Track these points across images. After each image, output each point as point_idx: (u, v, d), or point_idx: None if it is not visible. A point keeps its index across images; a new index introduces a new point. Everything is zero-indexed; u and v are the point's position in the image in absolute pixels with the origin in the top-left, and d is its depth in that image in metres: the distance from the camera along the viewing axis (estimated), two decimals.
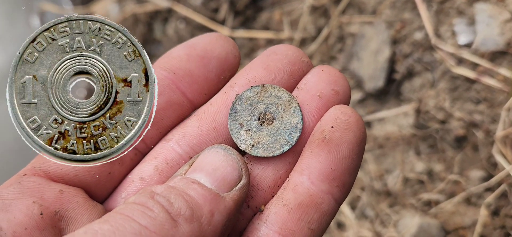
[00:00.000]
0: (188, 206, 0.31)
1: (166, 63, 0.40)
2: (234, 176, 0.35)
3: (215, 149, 0.37)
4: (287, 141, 0.39)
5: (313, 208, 0.37)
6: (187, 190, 0.33)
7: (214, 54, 0.40)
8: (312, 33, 1.25)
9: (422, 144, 1.07)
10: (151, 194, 0.31)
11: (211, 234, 0.32)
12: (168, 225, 0.30)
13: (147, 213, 0.30)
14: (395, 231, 1.01)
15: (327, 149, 0.37)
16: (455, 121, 1.03)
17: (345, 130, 0.37)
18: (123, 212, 0.30)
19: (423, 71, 1.10)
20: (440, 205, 1.01)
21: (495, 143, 0.98)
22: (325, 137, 0.37)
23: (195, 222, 0.31)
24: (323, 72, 0.41)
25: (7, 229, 0.33)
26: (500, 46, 1.02)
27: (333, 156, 0.37)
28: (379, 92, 1.13)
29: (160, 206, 0.30)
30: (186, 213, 0.31)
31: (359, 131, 0.38)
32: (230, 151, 0.37)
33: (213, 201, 0.33)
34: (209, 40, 0.41)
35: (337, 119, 0.38)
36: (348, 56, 1.19)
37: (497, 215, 0.97)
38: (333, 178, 0.37)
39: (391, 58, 1.13)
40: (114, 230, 0.28)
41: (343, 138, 0.37)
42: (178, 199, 0.31)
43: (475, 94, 1.03)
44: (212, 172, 0.35)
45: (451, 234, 0.99)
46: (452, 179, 1.02)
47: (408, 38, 1.12)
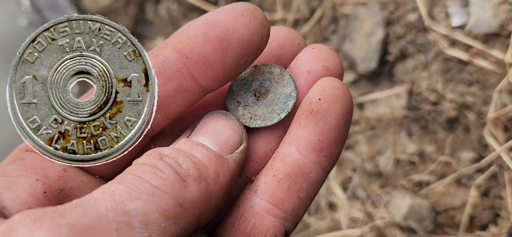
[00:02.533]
0: (195, 167, 0.32)
1: (180, 43, 0.36)
2: (236, 139, 0.36)
3: (216, 114, 0.37)
4: (282, 109, 0.40)
5: (302, 178, 0.37)
6: (193, 152, 0.33)
7: (236, 36, 0.36)
8: (305, 14, 1.24)
9: (414, 125, 1.07)
10: (160, 156, 0.32)
11: (216, 193, 0.33)
12: (178, 185, 0.31)
13: (158, 174, 0.30)
14: (386, 211, 1.02)
15: (315, 121, 0.37)
16: (447, 103, 1.04)
17: (332, 102, 0.38)
18: (135, 173, 0.30)
19: (416, 53, 1.09)
20: (431, 186, 1.01)
21: (487, 125, 0.99)
22: (312, 109, 0.37)
23: (202, 182, 0.32)
24: (313, 50, 0.41)
25: (11, 208, 0.33)
26: (493, 28, 1.02)
27: (320, 127, 0.37)
28: (371, 74, 1.13)
29: (170, 167, 0.31)
30: (194, 174, 0.32)
31: (346, 103, 0.38)
32: (231, 116, 0.38)
33: (218, 162, 0.34)
34: (232, 17, 0.36)
35: (324, 91, 0.38)
36: (341, 38, 1.18)
37: (487, 196, 0.98)
38: (320, 148, 0.37)
39: (384, 40, 1.12)
40: (129, 191, 0.29)
41: (330, 110, 0.37)
42: (186, 160, 0.32)
43: (468, 76, 1.03)
44: (215, 135, 0.36)
45: (441, 214, 1.00)
46: (443, 160, 1.02)
47: (402, 20, 1.12)
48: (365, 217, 1.03)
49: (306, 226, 1.08)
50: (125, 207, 0.28)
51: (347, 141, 1.13)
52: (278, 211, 0.37)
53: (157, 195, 0.29)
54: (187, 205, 0.31)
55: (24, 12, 1.69)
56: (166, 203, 0.29)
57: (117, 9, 1.58)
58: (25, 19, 1.67)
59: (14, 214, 0.27)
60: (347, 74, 1.16)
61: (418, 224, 0.98)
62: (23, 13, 1.69)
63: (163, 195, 0.30)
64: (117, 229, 0.27)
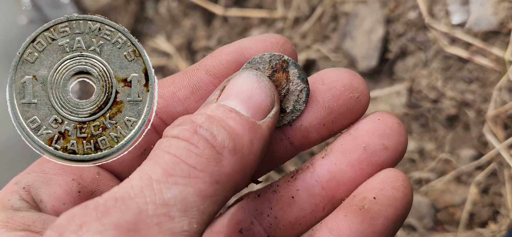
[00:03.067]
0: (230, 137, 0.32)
1: (213, 67, 0.38)
2: (268, 103, 0.35)
3: (247, 74, 0.36)
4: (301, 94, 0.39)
5: None
6: (226, 120, 0.33)
7: None
8: (305, 12, 1.25)
9: (414, 123, 1.08)
10: (193, 128, 0.31)
11: (251, 163, 0.33)
12: (214, 160, 0.30)
13: (194, 151, 0.30)
14: None
15: (361, 219, 0.35)
16: (447, 101, 1.04)
17: (386, 205, 0.35)
18: (170, 150, 0.30)
19: (416, 51, 1.10)
20: (430, 183, 1.02)
21: (486, 122, 0.99)
22: (363, 206, 0.35)
23: (238, 154, 0.31)
24: (379, 122, 0.38)
25: (47, 202, 0.34)
26: (493, 25, 1.02)
27: (365, 227, 0.35)
28: (372, 72, 1.13)
29: (205, 141, 0.31)
30: (229, 145, 0.31)
31: (402, 208, 0.36)
32: (262, 77, 0.36)
33: (251, 129, 0.33)
34: (263, 47, 0.38)
35: (383, 189, 0.36)
36: (342, 35, 1.18)
37: (486, 193, 0.98)
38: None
39: (385, 38, 1.13)
40: (166, 175, 0.28)
41: (382, 213, 0.35)
42: (221, 131, 0.31)
43: (468, 73, 1.04)
44: (247, 99, 0.35)
45: (441, 212, 1.00)
46: (443, 157, 1.02)
47: (402, 18, 1.12)
48: None
49: None
50: (163, 196, 0.28)
51: None
52: None
53: (194, 176, 0.29)
54: (223, 181, 0.30)
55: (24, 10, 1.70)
56: (202, 182, 0.29)
57: (117, 7, 1.58)
58: (25, 17, 1.67)
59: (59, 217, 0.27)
60: None
61: (418, 221, 0.99)
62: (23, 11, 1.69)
63: (199, 174, 0.29)
64: (158, 223, 0.27)
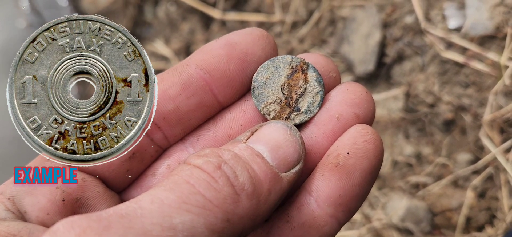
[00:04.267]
0: (251, 182, 0.32)
1: (204, 61, 0.38)
2: (294, 158, 0.35)
3: (281, 125, 0.36)
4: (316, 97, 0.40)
5: (315, 230, 0.37)
6: (251, 163, 0.33)
7: (254, 58, 0.38)
8: (303, 16, 1.25)
9: (411, 127, 1.08)
10: (218, 163, 0.31)
11: (264, 211, 0.33)
12: (231, 200, 0.30)
13: (213, 185, 0.30)
14: (383, 213, 1.03)
15: (339, 175, 0.36)
16: (444, 105, 1.04)
17: (360, 158, 0.36)
18: (189, 180, 0.30)
19: (413, 55, 1.10)
20: (427, 187, 1.02)
21: (483, 127, 1.00)
22: (338, 163, 0.36)
23: (254, 199, 0.31)
24: (348, 92, 0.39)
25: (31, 212, 0.34)
26: (489, 30, 1.03)
27: (343, 182, 0.36)
28: (369, 76, 1.14)
29: (226, 179, 0.31)
30: (249, 189, 0.31)
31: (375, 159, 0.37)
32: (295, 131, 0.36)
33: (272, 180, 0.33)
34: (251, 40, 0.38)
35: (355, 144, 0.36)
36: (339, 40, 1.19)
37: (483, 197, 0.99)
38: (339, 203, 0.36)
39: (382, 42, 1.13)
40: (180, 202, 0.28)
41: (357, 166, 0.36)
42: (244, 173, 0.32)
43: (464, 78, 1.04)
44: (276, 148, 0.35)
45: (438, 216, 1.01)
46: (440, 162, 1.03)
47: (399, 22, 1.13)
48: (363, 218, 1.04)
49: None
50: (172, 220, 0.27)
51: None
52: None
53: (208, 208, 0.29)
54: (234, 221, 0.30)
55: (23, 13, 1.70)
56: (214, 217, 0.29)
57: (115, 10, 1.58)
58: (24, 21, 1.67)
59: (57, 223, 0.26)
60: (344, 77, 1.17)
61: (415, 226, 0.99)
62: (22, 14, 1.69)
63: (213, 208, 0.29)
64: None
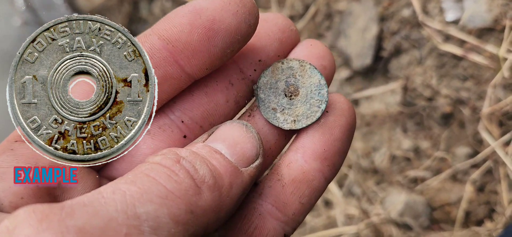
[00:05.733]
0: (211, 175, 0.32)
1: (165, 31, 0.36)
2: (253, 153, 0.36)
3: (237, 124, 0.37)
4: (320, 100, 0.40)
5: (305, 184, 0.39)
6: (210, 159, 0.33)
7: (223, 26, 0.35)
8: (299, 10, 1.24)
9: (409, 121, 1.07)
10: (176, 158, 0.32)
11: (227, 205, 0.33)
12: (192, 191, 0.30)
13: (173, 177, 0.30)
14: (381, 208, 1.02)
15: (321, 131, 0.39)
16: (442, 98, 1.03)
17: (338, 115, 0.39)
18: (150, 174, 0.30)
19: (410, 49, 1.09)
20: (426, 182, 1.02)
21: (481, 120, 0.99)
22: (320, 120, 0.39)
23: (216, 192, 0.32)
24: (312, 47, 0.42)
25: (4, 198, 0.33)
26: (488, 22, 1.02)
27: (326, 138, 0.39)
28: (366, 70, 1.13)
29: (186, 172, 0.31)
30: (209, 182, 0.32)
31: (350, 117, 0.40)
32: (252, 128, 0.37)
33: (233, 174, 0.34)
34: (220, 5, 0.35)
35: (331, 104, 0.40)
36: (336, 34, 1.18)
37: (482, 191, 0.98)
38: (324, 158, 0.39)
39: (379, 36, 1.12)
40: (142, 193, 0.28)
41: (337, 122, 0.39)
42: (203, 166, 0.32)
43: (462, 71, 1.03)
44: (233, 145, 0.35)
45: (437, 210, 1.00)
46: (439, 156, 1.02)
47: (396, 15, 1.12)
48: (361, 214, 1.03)
49: (302, 224, 1.08)
50: (136, 210, 0.27)
51: None
52: (280, 214, 0.38)
53: (170, 199, 0.29)
54: (198, 213, 0.30)
55: (18, 11, 1.69)
56: (177, 208, 0.29)
57: (111, 7, 1.57)
58: (19, 19, 1.66)
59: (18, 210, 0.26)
60: (342, 71, 1.16)
61: (413, 220, 0.98)
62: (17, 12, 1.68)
63: (176, 199, 0.29)
64: (127, 233, 0.26)
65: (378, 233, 1.00)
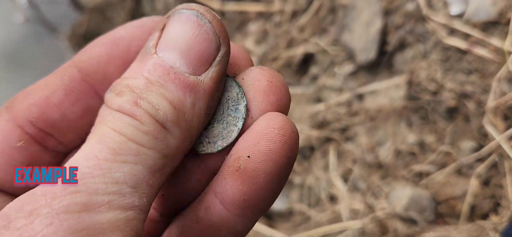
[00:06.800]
0: (172, 108, 0.30)
1: (83, 62, 0.35)
2: (211, 49, 0.32)
3: (187, 16, 0.32)
4: (236, 117, 0.35)
5: (226, 229, 0.34)
6: (166, 85, 0.30)
7: (138, 50, 0.34)
8: (303, 5, 1.24)
9: (413, 115, 1.07)
10: (134, 99, 0.30)
11: (196, 124, 0.31)
12: (160, 135, 0.29)
13: (139, 128, 0.29)
14: (386, 202, 1.02)
15: (241, 180, 0.32)
16: (447, 92, 1.03)
17: (263, 161, 0.32)
18: (115, 128, 0.29)
19: (414, 43, 1.09)
20: (431, 176, 1.02)
21: (486, 114, 0.99)
22: (239, 167, 0.32)
23: (182, 122, 0.30)
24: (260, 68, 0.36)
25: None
26: (492, 16, 1.01)
27: (246, 188, 0.32)
28: (370, 64, 1.12)
29: (148, 116, 0.29)
30: (172, 117, 0.30)
31: (283, 159, 0.32)
32: (204, 19, 0.32)
33: (192, 90, 0.31)
34: (137, 35, 0.34)
35: (257, 145, 0.32)
36: (340, 28, 1.17)
37: (487, 185, 0.98)
38: (245, 207, 0.33)
39: (383, 30, 1.12)
40: (115, 155, 0.28)
41: (260, 170, 0.32)
42: (162, 102, 0.30)
43: (467, 65, 1.03)
44: (187, 51, 0.31)
45: (442, 204, 1.00)
46: (443, 150, 1.02)
47: (400, 9, 1.11)
48: (366, 208, 1.03)
49: (306, 219, 1.08)
50: (112, 175, 0.27)
51: (347, 133, 1.12)
52: None
53: (142, 153, 0.28)
54: (171, 153, 0.30)
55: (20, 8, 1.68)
56: (152, 159, 0.29)
57: (113, 3, 1.57)
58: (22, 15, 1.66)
59: (6, 207, 0.27)
60: (346, 65, 1.15)
61: (419, 215, 0.98)
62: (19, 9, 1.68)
63: (148, 152, 0.28)
64: (109, 201, 0.27)
65: (383, 227, 1.00)
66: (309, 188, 1.11)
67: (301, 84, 1.20)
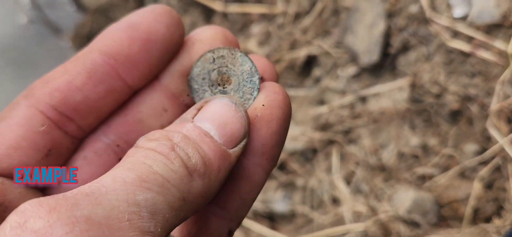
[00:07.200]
0: (203, 162, 0.33)
1: (106, 46, 0.38)
2: (241, 133, 0.37)
3: (226, 102, 0.38)
4: (252, 87, 0.41)
5: (245, 180, 0.39)
6: (200, 144, 0.34)
7: (158, 36, 0.39)
8: (306, 7, 1.24)
9: (416, 118, 1.07)
10: (171, 145, 0.33)
11: (215, 188, 0.35)
12: (186, 180, 0.32)
13: (169, 166, 0.32)
14: (389, 205, 1.02)
15: (258, 126, 0.38)
16: (450, 95, 1.03)
17: (275, 108, 0.39)
18: (146, 161, 0.31)
19: (418, 45, 1.09)
20: (434, 179, 1.01)
21: (489, 117, 0.98)
22: (257, 115, 0.38)
23: (206, 178, 0.33)
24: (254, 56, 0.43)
25: None
26: (496, 18, 1.01)
27: (263, 132, 0.38)
28: (373, 67, 1.12)
29: (180, 160, 0.32)
30: (200, 170, 0.33)
31: (286, 107, 0.40)
32: (240, 107, 0.38)
33: (221, 157, 0.35)
34: (153, 19, 0.39)
35: (267, 97, 0.39)
36: (343, 30, 1.17)
37: (490, 188, 0.98)
38: (263, 152, 0.39)
39: (386, 32, 1.12)
40: (140, 181, 0.30)
41: (273, 115, 0.39)
42: (195, 154, 0.33)
43: (470, 67, 1.03)
44: (223, 126, 0.36)
45: (445, 207, 1.00)
46: (447, 153, 1.02)
47: (403, 11, 1.11)
48: (369, 211, 1.03)
49: (309, 221, 1.08)
50: (135, 197, 0.29)
51: (350, 135, 1.12)
52: (222, 212, 0.39)
53: (166, 187, 0.31)
54: (189, 200, 0.32)
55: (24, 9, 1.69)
56: (172, 196, 0.31)
57: (117, 4, 1.57)
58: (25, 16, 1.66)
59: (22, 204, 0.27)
60: (349, 67, 1.15)
61: (421, 217, 0.98)
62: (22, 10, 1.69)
63: (171, 188, 0.31)
64: (128, 219, 0.28)
65: (386, 230, 1.00)
66: (312, 190, 1.11)
67: (304, 86, 1.20)
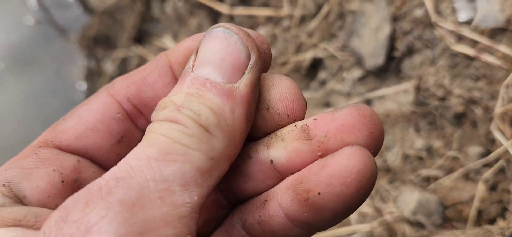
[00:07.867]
0: (212, 112, 0.32)
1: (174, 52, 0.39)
2: (242, 58, 0.34)
3: (215, 33, 0.35)
4: None
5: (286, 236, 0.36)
6: (203, 94, 0.33)
7: None
8: (312, 10, 1.25)
9: (421, 121, 1.08)
10: (176, 108, 0.32)
11: (239, 129, 0.33)
12: (205, 138, 0.31)
13: (185, 132, 0.31)
14: (394, 206, 1.03)
15: (307, 209, 0.33)
16: (454, 98, 1.04)
17: (333, 202, 0.32)
18: (162, 132, 0.31)
19: (423, 49, 1.10)
20: (439, 180, 1.03)
21: (494, 120, 1.00)
22: (308, 199, 0.32)
23: (224, 126, 0.32)
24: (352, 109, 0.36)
25: (31, 196, 0.35)
26: (500, 22, 1.02)
27: (311, 216, 0.33)
28: (379, 70, 1.14)
29: (192, 121, 0.31)
30: (214, 121, 0.32)
31: (354, 200, 0.32)
32: (230, 32, 0.35)
33: (229, 96, 0.33)
34: None
35: (330, 186, 0.31)
36: (348, 34, 1.19)
37: (494, 190, 0.99)
38: (309, 225, 0.34)
39: (391, 36, 1.13)
40: (164, 155, 0.30)
41: (328, 207, 0.32)
42: (202, 107, 0.32)
43: (475, 71, 1.04)
44: (219, 63, 0.34)
45: (450, 209, 1.01)
46: (451, 155, 1.03)
47: (408, 15, 1.12)
48: (374, 212, 1.04)
49: None
50: (162, 173, 0.29)
51: None
52: None
53: (189, 154, 0.30)
54: (217, 156, 0.31)
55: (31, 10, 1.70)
56: (199, 160, 0.30)
57: (123, 6, 1.58)
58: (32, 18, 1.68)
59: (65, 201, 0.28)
60: (354, 70, 1.17)
61: (426, 219, 1.00)
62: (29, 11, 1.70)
63: (194, 153, 0.30)
64: (160, 197, 0.28)
65: (391, 231, 1.01)
66: None
67: (309, 89, 1.22)
